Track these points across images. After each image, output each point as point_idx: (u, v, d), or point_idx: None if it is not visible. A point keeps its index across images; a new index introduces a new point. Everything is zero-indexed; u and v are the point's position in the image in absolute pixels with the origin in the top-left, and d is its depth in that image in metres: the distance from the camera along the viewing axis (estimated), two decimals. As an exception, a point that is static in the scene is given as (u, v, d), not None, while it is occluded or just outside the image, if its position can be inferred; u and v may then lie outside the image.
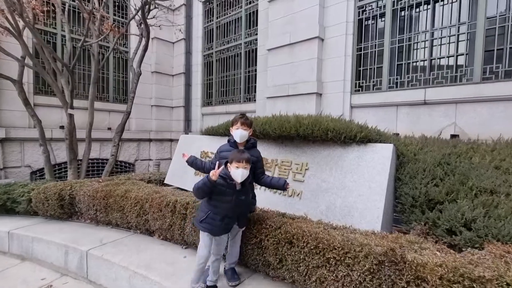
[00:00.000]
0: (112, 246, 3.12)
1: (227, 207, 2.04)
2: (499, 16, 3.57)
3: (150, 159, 7.93)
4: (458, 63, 3.96)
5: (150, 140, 7.91)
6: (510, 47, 3.54)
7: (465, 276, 1.43)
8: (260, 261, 2.32)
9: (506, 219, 1.90)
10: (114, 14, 7.41)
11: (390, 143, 2.46)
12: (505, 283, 1.37)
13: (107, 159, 6.62)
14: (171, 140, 8.11)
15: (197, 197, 2.11)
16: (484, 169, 2.19)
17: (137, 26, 6.36)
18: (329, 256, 1.86)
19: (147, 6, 5.51)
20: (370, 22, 4.73)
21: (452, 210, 2.13)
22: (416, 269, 1.56)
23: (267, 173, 3.24)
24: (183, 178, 4.30)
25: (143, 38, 6.06)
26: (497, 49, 3.63)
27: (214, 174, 1.93)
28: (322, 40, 4.97)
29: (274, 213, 2.50)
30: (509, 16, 3.52)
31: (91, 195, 3.74)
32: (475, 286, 1.39)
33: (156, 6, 6.32)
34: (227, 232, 2.18)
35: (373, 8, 4.62)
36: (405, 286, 1.58)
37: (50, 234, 3.53)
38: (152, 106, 7.98)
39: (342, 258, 1.81)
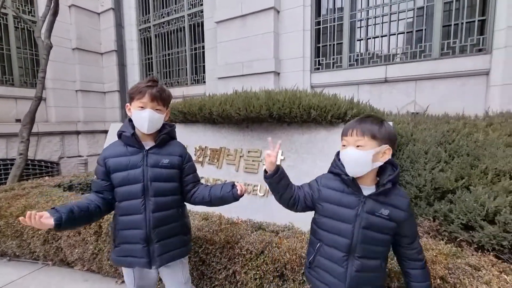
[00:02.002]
0: (0, 296, 1.92)
1: (349, 230, 0.98)
2: (457, -11, 3.25)
3: (80, 156, 6.23)
4: (417, 38, 3.61)
5: (78, 132, 6.17)
6: (466, 22, 3.27)
7: None
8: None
9: (539, 209, 1.46)
10: (10, -30, 5.31)
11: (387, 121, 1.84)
12: None
13: (17, 159, 4.83)
14: (105, 132, 6.48)
15: None
16: (494, 147, 1.74)
17: (43, -15, 4.58)
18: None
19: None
20: (328, -7, 4.09)
21: (468, 200, 1.62)
22: (495, 314, 0.95)
23: (228, 167, 2.37)
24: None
25: (52, 1, 4.36)
26: (454, 24, 3.35)
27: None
28: (278, 12, 4.16)
29: (248, 225, 1.69)
30: (465, -10, 3.22)
31: (-32, 217, 2.35)
32: None
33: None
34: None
35: (331, -22, 3.98)
36: None
37: None
38: (77, 91, 6.16)
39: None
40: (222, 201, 1.26)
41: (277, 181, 1.05)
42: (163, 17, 5.57)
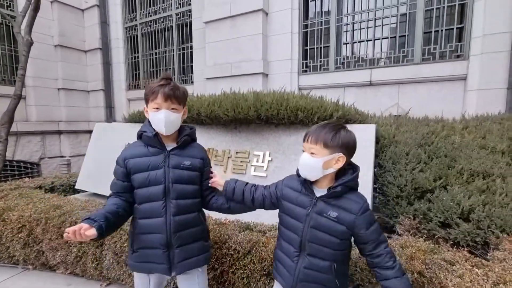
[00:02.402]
0: (-24, 303, 1.85)
1: (300, 227, 1.04)
2: (436, -3, 3.41)
3: (62, 156, 6.02)
4: (400, 43, 3.75)
5: (60, 132, 5.97)
6: (445, 29, 3.43)
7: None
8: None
9: (508, 207, 1.56)
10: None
11: (371, 123, 1.92)
12: None
13: (-7, 161, 4.63)
14: (90, 132, 6.27)
15: None
16: (469, 149, 1.85)
17: (23, -21, 4.40)
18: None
19: None
20: (315, -4, 4.18)
21: (445, 199, 1.71)
22: (467, 304, 1.02)
23: (216, 168, 2.37)
24: (101, 181, 3.06)
25: (32, -4, 4.20)
26: (434, 31, 3.51)
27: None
28: (267, 14, 4.20)
29: (236, 225, 1.71)
30: (445, -2, 3.38)
31: None
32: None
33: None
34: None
35: (318, -18, 4.07)
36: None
37: None
38: (59, 89, 5.96)
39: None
40: (246, 207, 1.26)
41: (231, 197, 1.20)
42: (150, 15, 5.49)
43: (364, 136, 1.85)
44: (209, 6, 4.49)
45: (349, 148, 0.99)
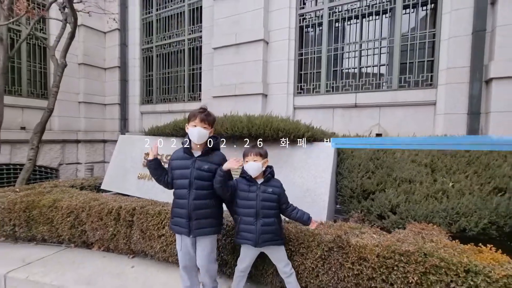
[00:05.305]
0: (40, 265, 2.73)
1: (254, 204, 1.89)
2: (410, 34, 4.31)
3: (78, 163, 7.04)
4: (381, 72, 4.63)
5: (78, 141, 7.02)
6: (418, 61, 4.30)
7: (395, 252, 1.74)
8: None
9: (420, 203, 2.36)
10: (28, -7, 6.34)
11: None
12: (423, 253, 1.72)
13: (20, 165, 5.66)
14: (104, 141, 7.35)
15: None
16: (404, 162, 2.66)
17: (60, 10, 5.57)
18: (285, 248, 2.02)
19: (73, -11, 4.89)
20: (309, 29, 5.15)
21: (382, 198, 2.52)
22: (359, 250, 1.83)
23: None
24: (124, 183, 3.99)
25: (67, 24, 5.34)
26: (409, 62, 4.38)
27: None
28: (267, 43, 5.19)
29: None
30: (417, 36, 4.27)
31: (7, 207, 3.18)
32: (402, 259, 1.71)
33: (84, -11, 5.65)
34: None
35: (312, 17, 5.05)
36: (350, 266, 1.84)
37: None
38: (80, 102, 7.08)
39: (297, 249, 1.99)
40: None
41: (229, 189, 1.94)
42: (165, 39, 6.61)
43: (326, 151, 2.70)
44: (217, 35, 5.53)
45: (267, 155, 2.02)
